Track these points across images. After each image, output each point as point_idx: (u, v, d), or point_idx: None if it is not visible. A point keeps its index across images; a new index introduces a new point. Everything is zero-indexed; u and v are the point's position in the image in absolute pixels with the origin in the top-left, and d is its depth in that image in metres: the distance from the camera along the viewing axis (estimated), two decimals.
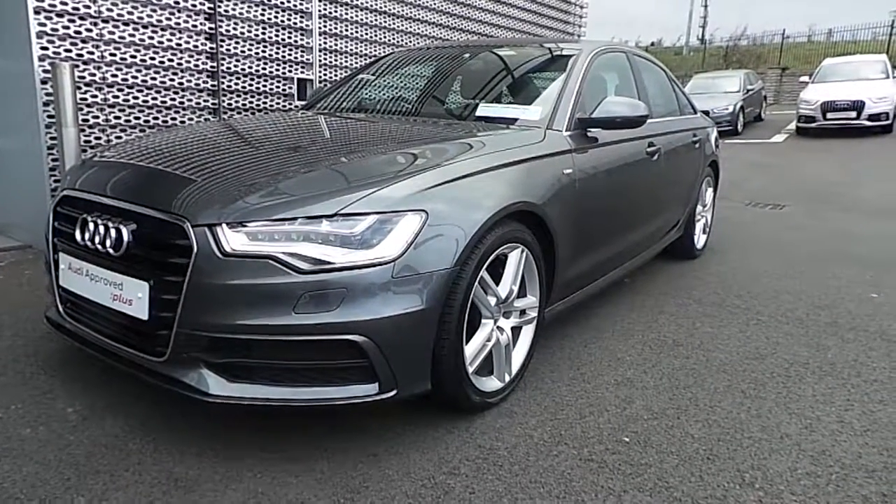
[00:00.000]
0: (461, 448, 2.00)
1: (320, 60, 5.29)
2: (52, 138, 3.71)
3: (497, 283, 2.19)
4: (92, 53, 3.84)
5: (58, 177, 3.76)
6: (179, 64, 4.31)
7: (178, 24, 4.27)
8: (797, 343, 2.91)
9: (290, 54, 5.06)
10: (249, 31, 4.72)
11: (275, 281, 1.74)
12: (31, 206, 3.91)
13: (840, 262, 4.31)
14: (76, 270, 2.04)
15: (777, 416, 2.24)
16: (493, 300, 2.18)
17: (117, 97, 4.01)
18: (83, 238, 2.00)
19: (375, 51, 5.86)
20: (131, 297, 1.88)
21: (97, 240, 1.95)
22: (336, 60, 5.50)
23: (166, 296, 1.81)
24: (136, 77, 4.08)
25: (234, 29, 4.61)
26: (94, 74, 3.87)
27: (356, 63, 5.70)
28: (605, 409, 2.27)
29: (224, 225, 1.78)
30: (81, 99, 3.83)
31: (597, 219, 2.82)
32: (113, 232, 1.91)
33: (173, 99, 4.31)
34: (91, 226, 1.98)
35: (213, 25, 4.44)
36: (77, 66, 3.76)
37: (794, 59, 23.04)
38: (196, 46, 4.39)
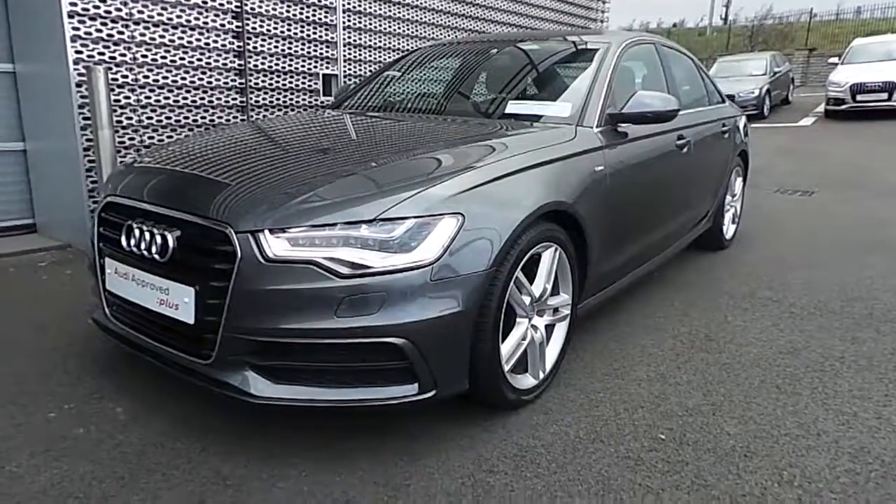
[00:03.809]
0: (499, 446, 2.03)
1: (344, 55, 5.32)
2: (87, 140, 3.80)
3: (531, 282, 2.21)
4: (124, 56, 3.91)
5: (94, 177, 3.85)
6: (208, 63, 4.37)
7: (206, 23, 4.32)
8: (832, 336, 2.89)
9: (315, 50, 5.09)
10: (275, 28, 4.76)
11: (316, 285, 1.78)
12: (69, 207, 4.01)
13: (872, 251, 4.25)
14: (123, 275, 2.11)
15: (813, 412, 2.24)
16: (527, 299, 2.20)
17: (149, 98, 4.08)
18: (129, 244, 2.06)
19: (399, 44, 5.87)
20: (177, 301, 1.93)
21: (143, 246, 2.01)
22: (360, 55, 5.52)
23: (212, 300, 1.86)
24: (166, 77, 4.15)
25: (261, 26, 4.65)
26: (126, 76, 3.95)
27: (380, 57, 5.72)
28: (639, 405, 2.29)
29: (266, 231, 1.82)
30: (115, 100, 3.90)
31: (627, 214, 2.82)
32: (158, 238, 1.97)
33: (202, 98, 4.38)
34: (136, 232, 2.04)
35: (239, 24, 4.49)
36: (110, 68, 3.83)
37: (822, 38, 22.50)
38: (224, 45, 4.44)
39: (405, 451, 2.00)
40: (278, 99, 4.90)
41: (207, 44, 4.35)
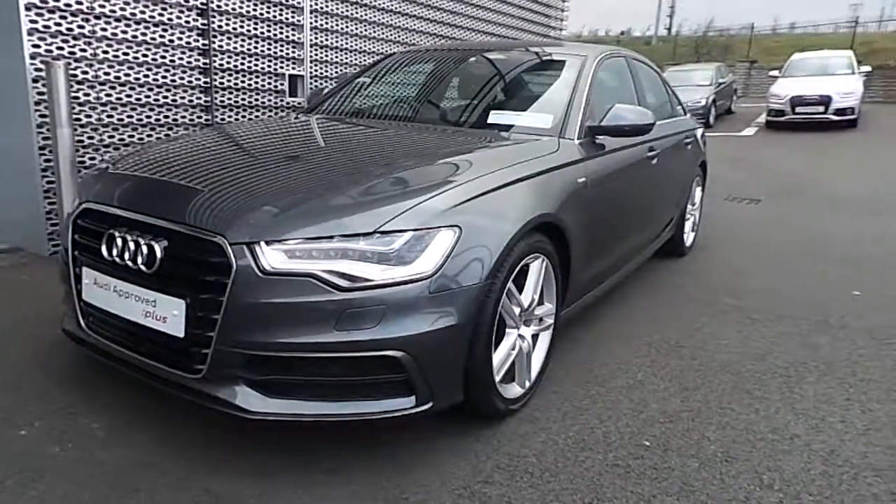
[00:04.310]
0: (491, 456, 2.05)
1: (311, 56, 5.24)
2: (44, 138, 3.61)
3: (520, 293, 2.24)
4: (84, 51, 3.74)
5: (51, 178, 3.67)
6: (172, 61, 4.22)
7: (171, 19, 4.18)
8: (792, 342, 3.04)
9: (281, 50, 4.99)
10: (241, 27, 4.65)
11: (315, 299, 1.76)
12: (23, 208, 3.81)
13: (819, 259, 4.48)
14: (103, 286, 2.02)
15: (784, 416, 2.35)
16: (517, 310, 2.23)
17: (110, 95, 3.91)
18: (110, 253, 1.98)
19: (365, 46, 5.82)
20: (166, 314, 1.87)
21: (126, 256, 1.94)
22: (327, 56, 5.44)
23: (204, 313, 1.81)
24: (128, 75, 3.99)
25: (227, 24, 4.53)
26: (86, 73, 3.78)
27: (347, 59, 5.66)
28: (622, 412, 2.35)
29: (262, 243, 1.78)
30: (73, 97, 3.73)
31: (606, 224, 2.90)
32: (144, 248, 1.90)
33: (165, 96, 4.23)
34: (119, 241, 1.96)
35: (205, 21, 4.36)
36: (69, 63, 3.65)
37: (761, 51, 23.57)
38: (188, 42, 4.31)
39: (397, 463, 1.99)
40: (244, 99, 4.78)
41: (171, 40, 4.20)
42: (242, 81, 4.74)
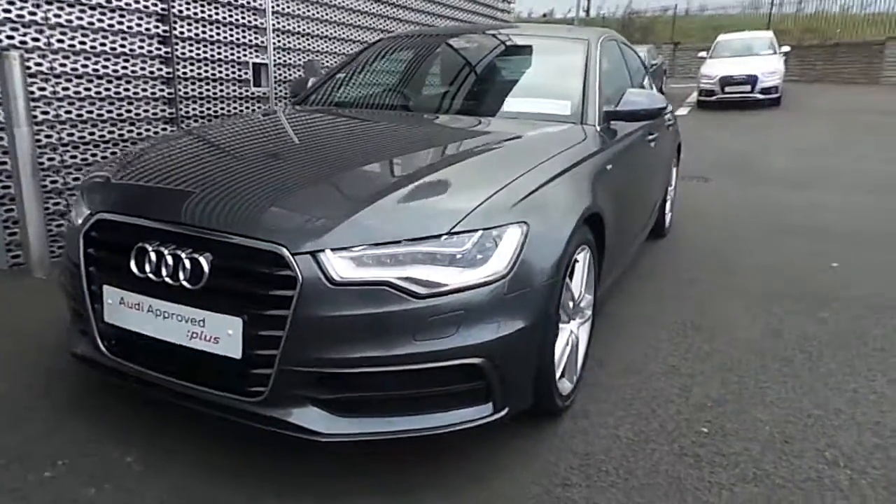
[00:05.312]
0: (560, 456, 2.00)
1: (274, 43, 4.95)
2: None
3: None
4: (37, 40, 3.36)
5: (7, 183, 3.30)
6: (132, 50, 3.87)
7: (129, 4, 3.81)
8: (798, 317, 3.14)
9: (243, 36, 4.69)
10: (203, 12, 4.32)
11: (393, 309, 1.63)
12: None
13: (782, 233, 4.67)
14: (133, 306, 1.81)
15: (820, 391, 2.42)
16: (571, 304, 2.17)
17: (67, 89, 3.55)
18: (142, 269, 1.77)
19: (335, 32, 5.57)
20: (217, 334, 1.69)
21: (164, 271, 1.73)
22: (290, 42, 5.16)
23: (265, 331, 1.65)
24: (85, 66, 3.62)
25: (188, 10, 4.20)
26: (39, 64, 3.40)
27: (313, 46, 5.39)
28: (668, 400, 2.35)
29: (328, 251, 1.64)
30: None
31: (624, 209, 2.88)
32: (186, 262, 1.70)
33: (126, 89, 3.88)
34: (152, 255, 1.75)
35: (164, 6, 4.02)
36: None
37: (677, 33, 24.45)
38: (148, 29, 3.96)
39: (468, 473, 1.90)
40: (207, 90, 4.46)
41: (130, 27, 3.85)
42: (206, 71, 4.42)
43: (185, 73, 4.26)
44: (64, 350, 2.46)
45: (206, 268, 1.69)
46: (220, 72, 4.55)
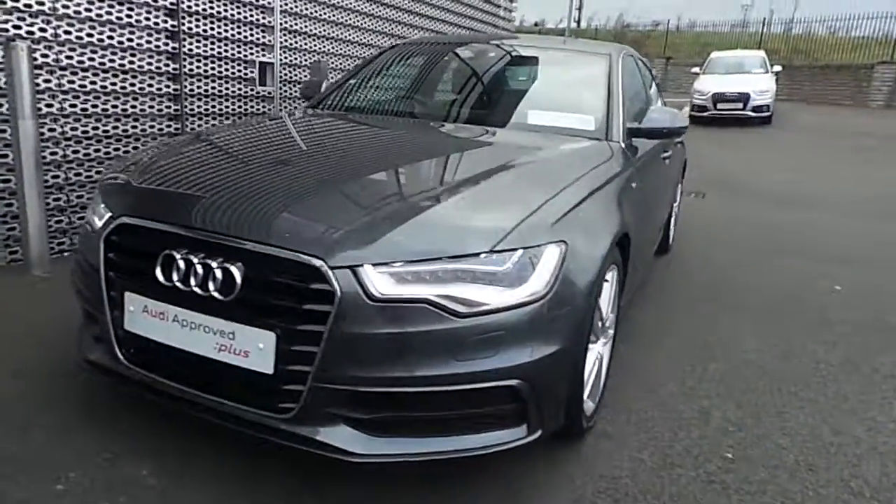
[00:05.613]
0: (587, 480, 1.96)
1: (281, 42, 4.88)
2: None
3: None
4: (44, 31, 3.26)
5: (7, 177, 3.19)
6: (139, 45, 3.78)
7: None
8: (807, 339, 3.15)
9: (251, 34, 4.61)
10: (212, 8, 4.23)
11: (434, 327, 1.58)
12: None
13: (781, 253, 4.72)
14: (158, 315, 1.74)
15: (838, 418, 2.42)
16: (599, 325, 2.15)
17: (72, 82, 3.45)
18: (169, 277, 1.70)
19: (341, 34, 5.51)
20: (247, 347, 1.63)
21: (192, 281, 1.67)
22: (297, 43, 5.09)
23: (299, 347, 1.59)
24: (92, 59, 3.52)
25: (197, 5, 4.12)
26: (46, 56, 3.30)
27: (319, 47, 5.32)
28: (688, 423, 2.33)
29: (368, 266, 1.59)
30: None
31: (643, 227, 2.86)
32: (218, 272, 1.64)
33: (132, 84, 3.78)
34: (181, 263, 1.69)
35: (174, 0, 3.93)
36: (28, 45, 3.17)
37: (668, 48, 24.66)
38: (156, 24, 3.87)
39: (496, 495, 1.86)
40: (214, 87, 4.37)
41: (138, 21, 3.75)
42: (213, 68, 4.34)
43: (191, 70, 4.17)
44: (65, 353, 2.41)
45: (238, 279, 1.63)
46: (227, 70, 4.46)
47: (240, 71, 4.57)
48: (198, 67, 4.23)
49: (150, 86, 3.91)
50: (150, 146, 2.61)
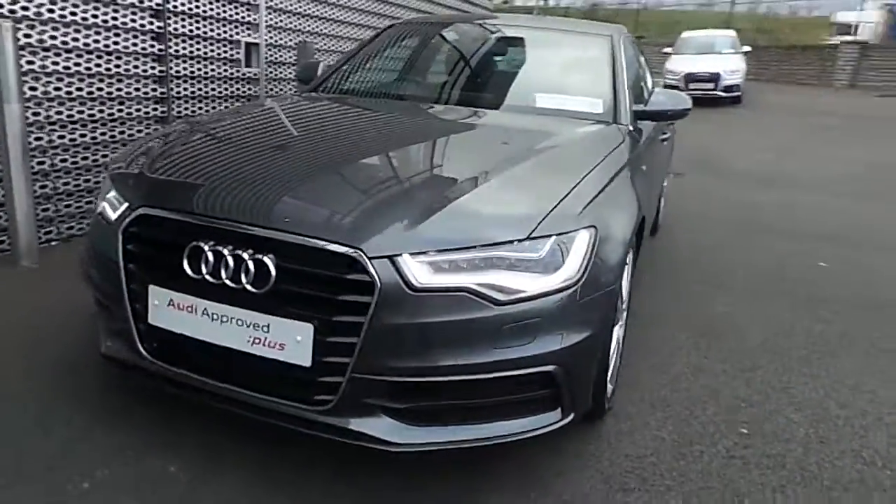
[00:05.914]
0: (613, 461, 1.99)
1: (266, 22, 4.74)
2: None
3: None
4: (26, 10, 3.11)
5: None
6: (123, 24, 3.62)
7: None
8: (803, 317, 3.24)
9: (235, 13, 4.47)
10: None
11: (474, 315, 1.58)
12: None
13: (763, 232, 4.81)
14: (185, 308, 1.69)
15: (841, 392, 2.50)
16: (621, 307, 2.17)
17: (56, 64, 3.30)
18: (197, 270, 1.65)
19: (328, 12, 5.38)
20: (284, 340, 1.60)
21: (223, 273, 1.62)
22: (283, 22, 4.96)
23: (337, 338, 1.57)
24: (76, 39, 3.37)
25: None
26: (28, 36, 3.14)
27: (308, 26, 5.19)
28: (701, 400, 2.38)
29: (406, 255, 1.57)
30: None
31: (649, 209, 2.90)
32: (250, 264, 1.60)
33: (117, 66, 3.64)
34: (210, 255, 1.64)
35: None
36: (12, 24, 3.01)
37: (634, 25, 24.85)
38: (141, 2, 3.71)
39: (529, 477, 1.88)
40: (199, 69, 4.24)
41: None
42: (198, 49, 4.20)
43: (177, 52, 4.03)
44: (69, 347, 2.36)
45: (272, 270, 1.59)
46: (212, 50, 4.32)
47: (225, 52, 4.43)
48: (184, 49, 4.08)
49: (136, 68, 3.76)
50: (155, 134, 2.52)
